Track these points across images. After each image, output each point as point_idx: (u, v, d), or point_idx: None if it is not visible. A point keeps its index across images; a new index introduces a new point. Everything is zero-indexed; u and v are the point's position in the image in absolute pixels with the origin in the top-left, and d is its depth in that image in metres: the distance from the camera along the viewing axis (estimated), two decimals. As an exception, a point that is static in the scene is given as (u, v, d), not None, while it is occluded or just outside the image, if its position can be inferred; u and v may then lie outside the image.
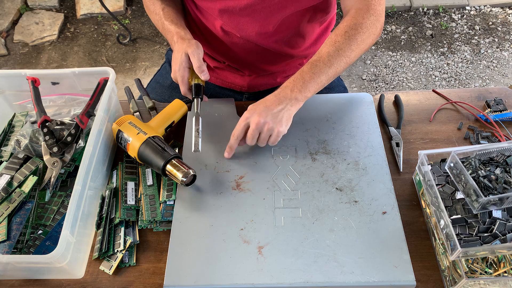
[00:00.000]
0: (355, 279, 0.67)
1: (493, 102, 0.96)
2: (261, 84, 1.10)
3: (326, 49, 0.83)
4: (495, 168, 0.71)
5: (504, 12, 2.74)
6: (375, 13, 0.85)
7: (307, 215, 0.75)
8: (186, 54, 0.84)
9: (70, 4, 2.85)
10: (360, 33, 0.83)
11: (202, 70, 0.83)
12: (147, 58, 2.54)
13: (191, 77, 0.87)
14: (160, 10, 0.93)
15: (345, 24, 0.84)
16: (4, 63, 2.51)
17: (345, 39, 0.82)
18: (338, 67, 0.83)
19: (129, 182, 0.83)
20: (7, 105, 0.95)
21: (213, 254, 0.71)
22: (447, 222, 0.66)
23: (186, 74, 0.85)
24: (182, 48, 0.85)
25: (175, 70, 0.85)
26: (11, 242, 0.73)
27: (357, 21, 0.84)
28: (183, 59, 0.84)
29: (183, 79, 0.85)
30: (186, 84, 0.86)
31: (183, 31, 0.89)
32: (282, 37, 0.96)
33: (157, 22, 0.96)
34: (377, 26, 0.86)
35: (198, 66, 0.83)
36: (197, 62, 0.83)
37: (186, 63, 0.84)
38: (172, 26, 0.90)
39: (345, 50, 0.82)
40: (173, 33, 0.89)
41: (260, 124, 0.79)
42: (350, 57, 0.83)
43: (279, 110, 0.79)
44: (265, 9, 0.88)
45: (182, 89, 0.87)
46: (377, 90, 2.34)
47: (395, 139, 0.90)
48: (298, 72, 0.83)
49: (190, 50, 0.83)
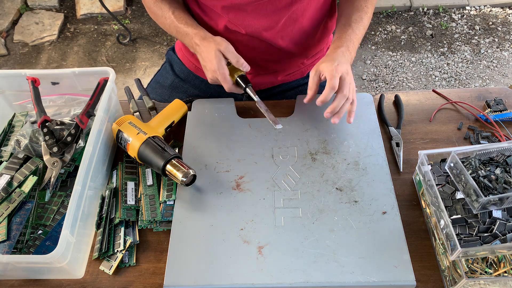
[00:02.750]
0: (355, 279, 0.67)
1: (493, 102, 0.96)
2: (262, 82, 1.10)
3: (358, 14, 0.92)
4: (495, 168, 0.71)
5: (504, 12, 2.74)
6: None
7: (307, 215, 0.75)
8: (219, 51, 0.84)
9: (70, 4, 2.85)
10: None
11: (242, 63, 0.85)
12: (147, 58, 2.54)
13: (230, 72, 0.87)
14: (170, 14, 0.92)
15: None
16: (4, 63, 2.51)
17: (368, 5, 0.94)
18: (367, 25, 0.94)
19: (129, 182, 0.83)
20: (7, 105, 0.95)
21: (213, 254, 0.71)
22: (447, 222, 0.66)
23: (227, 72, 0.86)
24: (211, 47, 0.85)
25: (215, 70, 0.85)
26: (11, 242, 0.73)
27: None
28: (219, 57, 0.84)
29: (225, 76, 0.85)
30: (230, 81, 0.86)
31: (202, 31, 0.89)
32: (288, 33, 0.96)
33: (168, 27, 0.94)
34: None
35: (237, 61, 0.85)
36: (235, 57, 0.85)
37: (223, 61, 0.85)
38: (189, 29, 0.89)
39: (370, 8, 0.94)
40: (191, 35, 0.89)
41: (349, 78, 0.83)
42: (371, 13, 0.95)
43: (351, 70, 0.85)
44: (271, 3, 0.89)
45: (226, 86, 0.87)
46: (377, 90, 2.34)
47: (395, 139, 0.90)
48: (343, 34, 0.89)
49: (222, 47, 0.84)
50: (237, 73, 0.88)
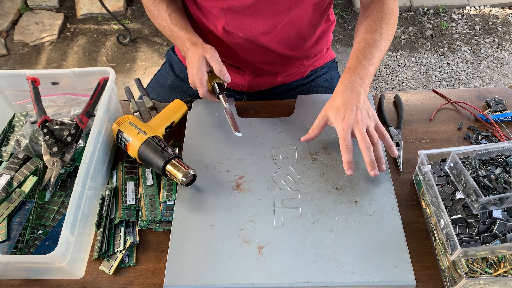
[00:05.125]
0: (355, 279, 0.67)
1: (493, 102, 0.96)
2: (262, 83, 1.10)
3: (371, 36, 0.86)
4: (495, 168, 0.71)
5: (504, 12, 2.74)
6: (395, 1, 0.91)
7: (307, 215, 0.75)
8: (204, 58, 0.84)
9: (70, 4, 2.85)
10: (393, 18, 0.89)
11: (224, 74, 0.85)
12: (147, 58, 2.54)
13: (209, 80, 0.88)
14: (167, 15, 0.93)
15: (379, 10, 0.88)
16: (4, 63, 2.51)
17: (384, 24, 0.87)
18: (385, 49, 0.87)
19: (129, 182, 0.83)
20: (7, 105, 0.95)
21: (213, 254, 0.71)
22: (447, 222, 0.66)
23: (204, 77, 0.85)
24: (198, 53, 0.85)
25: (193, 74, 0.85)
26: (11, 242, 0.73)
27: (388, 6, 0.89)
28: (201, 62, 0.84)
29: (201, 81, 0.85)
30: (205, 87, 0.86)
31: (194, 36, 0.89)
32: (284, 37, 0.96)
33: (163, 28, 0.95)
34: (397, 13, 0.91)
35: (219, 70, 0.85)
36: (218, 66, 0.84)
37: (204, 67, 0.85)
38: (182, 32, 0.90)
39: (387, 33, 0.87)
40: (183, 39, 0.89)
41: (362, 124, 0.77)
42: (390, 39, 0.88)
43: (363, 102, 0.79)
44: (269, 8, 0.88)
45: (200, 91, 0.87)
46: (377, 90, 2.34)
47: (395, 139, 0.90)
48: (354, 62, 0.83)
49: (208, 54, 0.84)
50: (216, 81, 0.88)
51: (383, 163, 0.77)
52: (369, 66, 0.82)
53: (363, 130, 0.76)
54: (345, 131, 0.77)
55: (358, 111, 0.77)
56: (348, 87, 0.80)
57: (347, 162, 0.76)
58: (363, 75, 0.81)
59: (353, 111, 0.77)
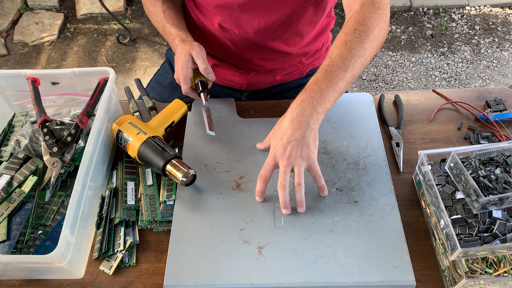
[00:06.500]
0: (355, 279, 0.67)
1: (493, 102, 0.96)
2: (260, 82, 1.10)
3: (338, 51, 0.74)
4: (495, 168, 0.71)
5: (504, 12, 2.74)
6: (380, 6, 0.78)
7: (307, 215, 0.75)
8: (190, 55, 0.85)
9: (70, 4, 2.85)
10: (370, 29, 0.75)
11: (208, 72, 0.85)
12: (147, 58, 2.54)
13: (194, 78, 0.88)
14: (161, 12, 0.94)
15: (353, 21, 0.77)
16: (4, 63, 2.51)
17: (356, 37, 0.75)
18: (355, 70, 0.74)
19: (129, 182, 0.83)
20: (7, 105, 0.95)
21: (213, 254, 0.71)
22: (447, 222, 0.66)
23: (189, 74, 0.86)
24: (184, 50, 0.86)
25: (178, 71, 0.86)
26: (11, 242, 0.73)
27: (365, 16, 0.76)
28: (187, 60, 0.85)
29: (185, 77, 0.86)
30: (189, 83, 0.87)
31: (184, 33, 0.90)
32: (280, 35, 0.96)
33: (157, 24, 0.96)
34: (385, 20, 0.78)
35: (204, 68, 0.85)
36: (203, 64, 0.84)
37: (189, 64, 0.85)
38: (173, 29, 0.91)
39: (358, 49, 0.74)
40: (174, 35, 0.90)
41: (288, 162, 0.70)
42: (365, 56, 0.75)
43: (302, 137, 0.71)
44: (265, 5, 0.88)
45: (184, 87, 0.87)
46: (377, 90, 2.34)
47: (395, 139, 0.90)
48: (311, 82, 0.74)
49: (194, 52, 0.84)
50: (200, 79, 0.89)
51: (301, 206, 0.73)
52: (327, 90, 0.72)
53: (287, 169, 0.71)
54: (268, 163, 0.73)
55: (290, 147, 0.71)
56: (295, 112, 0.73)
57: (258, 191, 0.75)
58: (317, 100, 0.72)
59: (285, 145, 0.71)
